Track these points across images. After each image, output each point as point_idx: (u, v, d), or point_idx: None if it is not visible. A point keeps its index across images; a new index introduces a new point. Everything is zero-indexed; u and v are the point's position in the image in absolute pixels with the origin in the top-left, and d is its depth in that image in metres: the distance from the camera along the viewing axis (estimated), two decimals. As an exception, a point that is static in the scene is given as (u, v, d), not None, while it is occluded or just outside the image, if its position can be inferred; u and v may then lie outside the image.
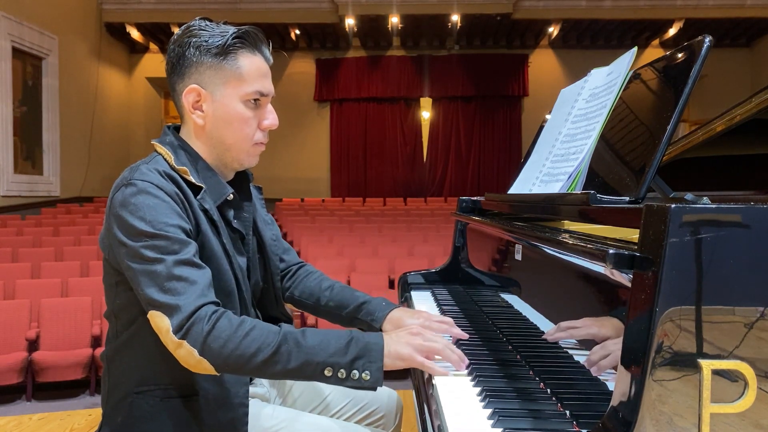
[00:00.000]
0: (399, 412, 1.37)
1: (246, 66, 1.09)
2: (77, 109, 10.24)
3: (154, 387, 1.05)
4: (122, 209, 1.00)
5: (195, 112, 1.10)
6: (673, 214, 0.61)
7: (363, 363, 0.95)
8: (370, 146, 12.63)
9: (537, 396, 0.88)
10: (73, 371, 3.62)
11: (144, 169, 1.04)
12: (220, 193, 1.11)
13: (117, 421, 1.07)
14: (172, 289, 0.95)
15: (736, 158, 1.67)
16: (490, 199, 1.69)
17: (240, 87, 1.09)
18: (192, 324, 0.94)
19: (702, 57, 0.85)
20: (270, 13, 10.91)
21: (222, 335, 0.94)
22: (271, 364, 0.94)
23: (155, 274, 0.96)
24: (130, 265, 0.98)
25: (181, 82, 1.10)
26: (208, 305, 0.96)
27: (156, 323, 0.97)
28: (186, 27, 1.10)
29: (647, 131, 0.93)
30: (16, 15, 8.52)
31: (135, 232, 0.98)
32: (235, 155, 1.13)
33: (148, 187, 1.00)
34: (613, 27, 11.33)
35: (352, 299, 1.28)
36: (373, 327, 1.21)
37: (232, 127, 1.10)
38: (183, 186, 1.05)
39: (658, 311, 0.61)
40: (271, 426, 1.12)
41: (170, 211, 1.00)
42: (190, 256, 0.98)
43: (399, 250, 5.83)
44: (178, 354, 0.96)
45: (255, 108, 1.12)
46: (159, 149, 1.10)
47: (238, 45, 1.08)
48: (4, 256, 5.37)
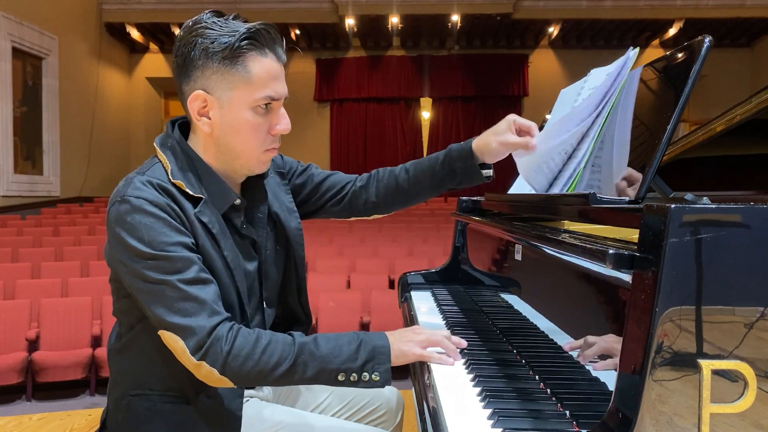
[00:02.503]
0: (401, 410, 1.39)
1: (255, 70, 1.00)
2: (77, 109, 10.24)
3: (149, 391, 1.05)
4: (119, 228, 0.96)
5: (201, 119, 1.03)
6: (673, 214, 0.61)
7: (372, 365, 0.99)
8: (370, 146, 12.63)
9: (537, 396, 0.88)
10: (73, 371, 3.62)
11: (137, 182, 0.99)
12: (225, 200, 1.07)
13: (118, 419, 1.08)
14: (183, 311, 0.94)
15: (736, 158, 1.67)
16: (490, 199, 1.69)
17: (249, 93, 1.01)
18: (210, 345, 0.94)
19: (702, 57, 0.85)
20: (270, 13, 10.90)
21: (241, 354, 0.95)
22: (289, 375, 0.98)
23: (162, 294, 0.94)
24: (133, 284, 0.97)
25: (186, 84, 1.03)
26: (222, 323, 0.96)
27: (170, 344, 0.96)
28: (193, 23, 1.01)
29: (647, 131, 0.93)
30: (16, 15, 8.52)
31: (134, 252, 0.95)
32: (245, 163, 1.07)
33: (143, 204, 0.96)
34: (613, 27, 11.33)
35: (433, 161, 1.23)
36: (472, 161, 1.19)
37: (241, 135, 1.04)
38: (179, 199, 1.00)
39: (658, 311, 0.61)
40: (271, 426, 1.12)
41: (167, 228, 0.96)
42: (196, 274, 0.96)
43: (399, 250, 5.83)
44: (198, 373, 0.97)
45: (266, 113, 1.04)
46: (159, 156, 1.05)
47: (247, 47, 1.00)
48: (4, 256, 5.37)
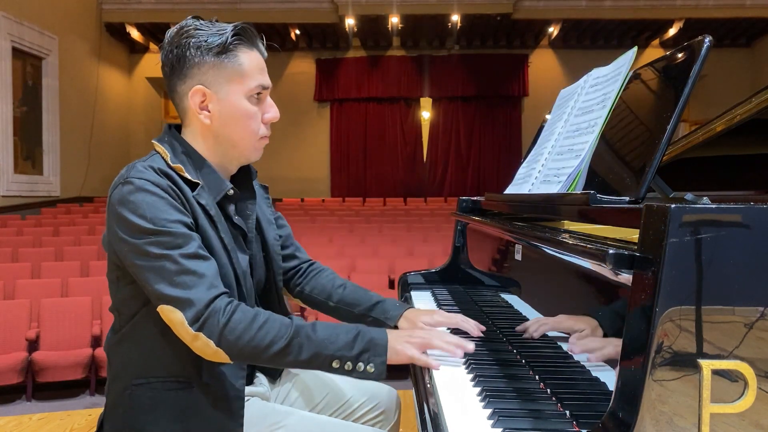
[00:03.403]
0: (398, 409, 1.39)
1: (247, 62, 1.10)
2: (77, 109, 10.24)
3: (153, 379, 1.07)
4: (121, 207, 1.01)
5: (202, 112, 1.10)
6: (673, 214, 0.61)
7: (368, 356, 1.00)
8: (370, 146, 12.63)
9: (537, 396, 0.88)
10: (73, 371, 3.61)
11: (140, 166, 1.05)
12: (220, 188, 1.12)
13: (118, 413, 1.09)
14: (182, 283, 0.97)
15: (736, 158, 1.67)
16: (490, 199, 1.69)
17: (243, 83, 1.10)
18: (208, 316, 0.97)
19: (702, 57, 0.85)
20: (270, 13, 10.91)
21: (238, 327, 0.97)
22: (283, 355, 0.99)
23: (163, 269, 0.98)
24: (135, 262, 1.00)
25: (182, 83, 1.10)
26: (221, 297, 0.99)
27: (168, 317, 0.99)
28: (180, 27, 1.10)
29: (647, 131, 0.93)
30: (16, 15, 8.52)
31: (136, 229, 0.99)
32: (242, 151, 1.15)
33: (145, 185, 1.01)
34: (613, 27, 11.33)
35: (365, 298, 1.30)
36: (387, 325, 1.24)
37: (239, 124, 1.12)
38: (179, 182, 1.06)
39: (658, 311, 0.61)
40: (271, 423, 1.12)
41: (169, 206, 1.01)
42: (195, 249, 1.00)
43: (399, 250, 5.83)
44: (194, 345, 0.99)
45: (258, 103, 1.13)
46: (157, 147, 1.11)
47: (237, 42, 1.09)
48: (4, 256, 5.37)
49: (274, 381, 1.32)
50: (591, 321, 0.84)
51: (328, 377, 1.36)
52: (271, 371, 1.31)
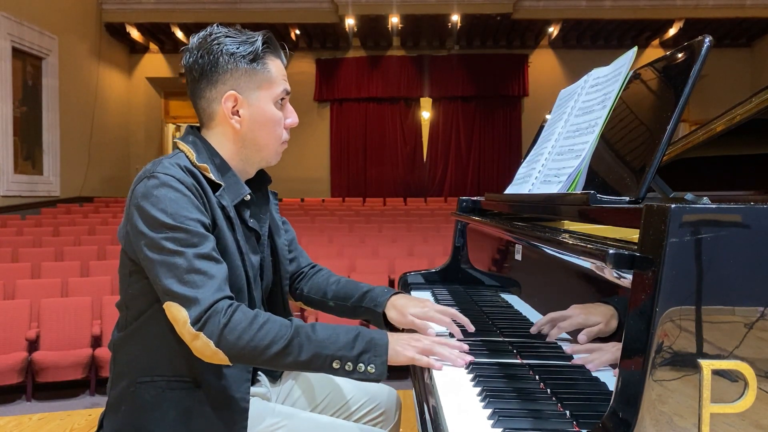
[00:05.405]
0: (398, 410, 1.40)
1: (273, 70, 1.15)
2: (77, 109, 10.23)
3: (158, 377, 1.07)
4: (144, 201, 1.03)
5: (233, 117, 1.14)
6: (673, 214, 0.61)
7: (369, 357, 1.00)
8: (370, 146, 12.62)
9: (537, 396, 0.88)
10: (73, 371, 3.62)
11: (167, 163, 1.07)
12: (238, 192, 1.14)
13: (120, 410, 1.09)
14: (191, 282, 0.98)
15: (736, 158, 1.67)
16: (490, 199, 1.69)
17: (271, 89, 1.15)
18: (209, 317, 0.98)
19: (702, 57, 0.86)
20: (270, 13, 10.90)
21: (237, 327, 0.98)
22: (283, 356, 0.99)
23: (175, 266, 0.99)
24: (148, 255, 1.01)
25: (213, 88, 1.13)
26: (224, 299, 1.00)
27: (172, 314, 1.00)
28: (209, 33, 1.13)
29: (647, 131, 0.93)
30: (16, 15, 8.51)
31: (156, 223, 1.01)
32: (265, 155, 1.19)
33: (170, 181, 1.03)
34: (613, 27, 11.33)
35: (355, 289, 1.32)
36: (377, 312, 1.26)
37: (266, 129, 1.16)
38: (202, 181, 1.08)
39: (658, 311, 0.61)
40: (272, 424, 1.13)
41: (190, 205, 1.03)
42: (209, 250, 1.02)
43: (399, 250, 5.83)
44: (194, 345, 0.99)
45: (281, 108, 1.18)
46: (181, 146, 1.14)
47: (267, 50, 1.14)
48: (4, 256, 5.36)
49: (275, 381, 1.32)
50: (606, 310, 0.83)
51: (330, 376, 1.36)
52: (272, 371, 1.31)
